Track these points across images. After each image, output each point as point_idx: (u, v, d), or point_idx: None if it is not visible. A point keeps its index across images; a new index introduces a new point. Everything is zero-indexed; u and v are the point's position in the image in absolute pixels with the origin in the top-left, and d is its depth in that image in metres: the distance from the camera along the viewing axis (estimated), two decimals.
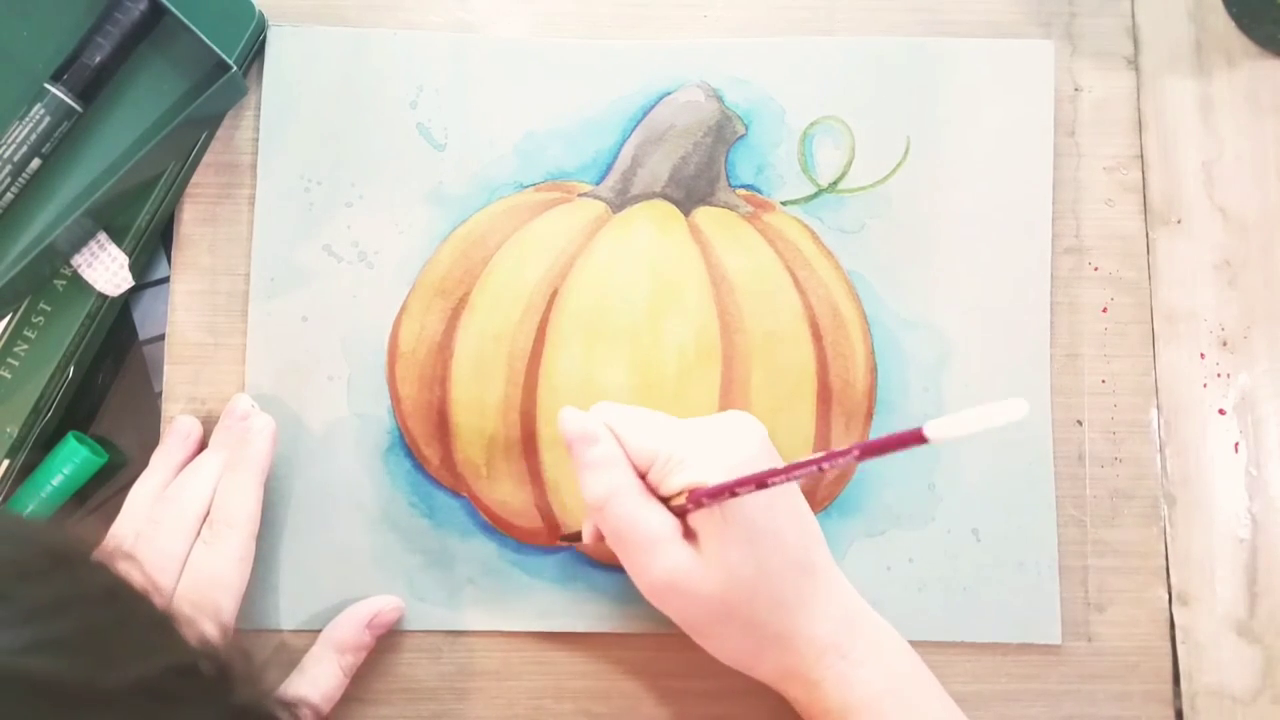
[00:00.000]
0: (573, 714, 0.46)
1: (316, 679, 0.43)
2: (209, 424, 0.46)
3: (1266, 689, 0.46)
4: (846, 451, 0.34)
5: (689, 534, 0.39)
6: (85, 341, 0.47)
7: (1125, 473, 0.47)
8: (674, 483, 0.38)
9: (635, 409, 0.41)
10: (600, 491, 0.39)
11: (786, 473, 0.35)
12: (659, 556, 0.38)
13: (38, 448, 0.47)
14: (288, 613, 0.46)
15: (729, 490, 0.36)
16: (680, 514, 0.39)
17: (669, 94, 0.49)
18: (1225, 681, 0.46)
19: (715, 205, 0.48)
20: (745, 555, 0.37)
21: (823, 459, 0.34)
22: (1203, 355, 0.48)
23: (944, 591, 0.46)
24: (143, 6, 0.46)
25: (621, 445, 0.40)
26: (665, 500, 0.39)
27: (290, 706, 0.32)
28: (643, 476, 0.39)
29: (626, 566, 0.40)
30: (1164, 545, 0.47)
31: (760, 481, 0.36)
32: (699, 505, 0.38)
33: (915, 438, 0.31)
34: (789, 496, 0.40)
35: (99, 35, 0.45)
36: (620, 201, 0.48)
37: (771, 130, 0.49)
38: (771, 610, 0.38)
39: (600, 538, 0.41)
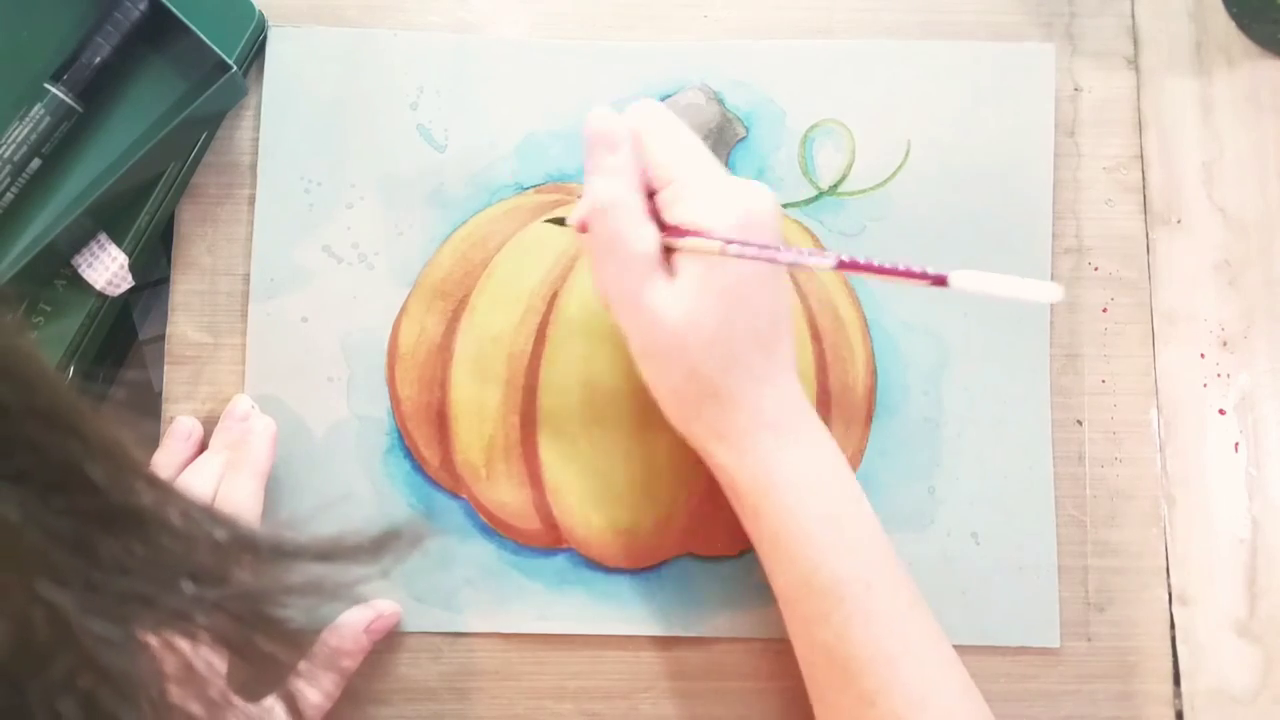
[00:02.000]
0: (573, 714, 0.46)
1: (313, 682, 0.43)
2: (209, 424, 0.46)
3: (1266, 689, 0.46)
4: (857, 264, 0.35)
5: (670, 267, 0.39)
6: (85, 341, 0.47)
7: (1125, 473, 0.47)
8: (677, 213, 0.39)
9: (676, 121, 0.41)
10: (604, 199, 0.39)
11: (778, 254, 0.36)
12: (636, 272, 0.38)
13: None
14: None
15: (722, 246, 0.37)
16: (668, 248, 0.39)
17: (670, 96, 0.49)
18: (1225, 681, 0.46)
19: None
20: (715, 307, 0.38)
21: (819, 258, 0.36)
22: (1203, 355, 0.48)
23: (943, 595, 0.46)
24: (143, 6, 0.46)
25: (641, 154, 0.40)
26: (662, 227, 0.39)
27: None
28: (652, 194, 0.40)
29: (602, 273, 0.40)
30: (1164, 545, 0.47)
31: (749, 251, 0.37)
32: (678, 234, 0.38)
33: (938, 280, 0.32)
34: (775, 285, 0.40)
35: (99, 35, 0.45)
36: None
37: (772, 133, 0.48)
38: (721, 366, 0.39)
39: (584, 228, 0.41)
